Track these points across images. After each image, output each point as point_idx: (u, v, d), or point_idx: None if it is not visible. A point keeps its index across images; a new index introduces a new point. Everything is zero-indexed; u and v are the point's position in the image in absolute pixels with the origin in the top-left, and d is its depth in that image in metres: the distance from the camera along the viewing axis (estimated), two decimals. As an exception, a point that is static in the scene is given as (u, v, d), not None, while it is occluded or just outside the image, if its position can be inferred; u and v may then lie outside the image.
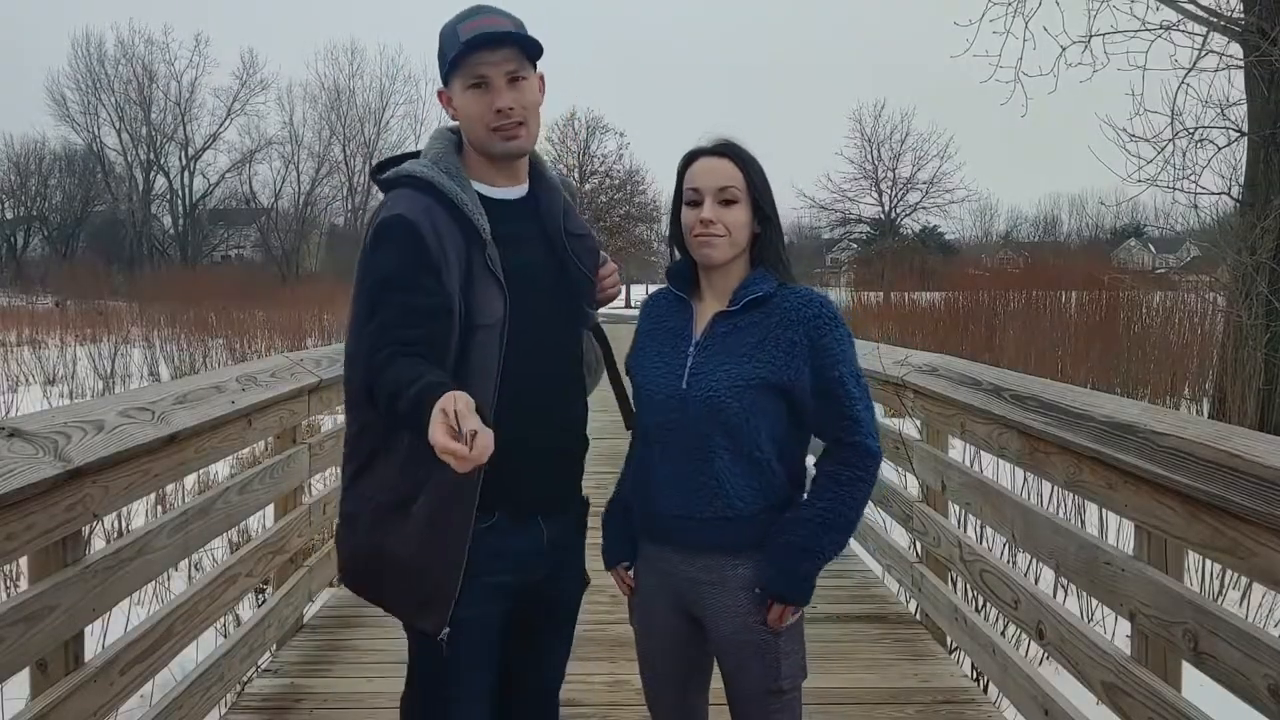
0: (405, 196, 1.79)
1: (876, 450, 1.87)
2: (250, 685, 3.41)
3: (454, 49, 1.77)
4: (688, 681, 2.00)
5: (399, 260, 1.73)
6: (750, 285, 1.84)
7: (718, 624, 1.88)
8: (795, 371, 1.80)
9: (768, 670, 1.87)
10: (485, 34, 1.76)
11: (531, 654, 2.02)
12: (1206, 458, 1.96)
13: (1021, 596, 2.99)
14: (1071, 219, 58.99)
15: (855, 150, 51.73)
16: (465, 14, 1.81)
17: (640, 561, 1.98)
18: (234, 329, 20.17)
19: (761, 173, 1.87)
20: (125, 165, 52.50)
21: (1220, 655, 1.95)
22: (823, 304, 1.84)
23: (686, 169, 1.87)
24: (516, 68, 1.80)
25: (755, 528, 1.85)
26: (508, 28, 1.78)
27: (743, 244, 1.85)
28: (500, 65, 1.78)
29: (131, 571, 2.43)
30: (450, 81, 1.83)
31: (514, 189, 1.90)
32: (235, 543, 5.32)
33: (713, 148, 1.86)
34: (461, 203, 1.78)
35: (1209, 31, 8.94)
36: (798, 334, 1.80)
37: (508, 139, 1.81)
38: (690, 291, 1.93)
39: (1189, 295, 14.15)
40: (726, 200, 1.82)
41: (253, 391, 3.24)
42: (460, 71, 1.79)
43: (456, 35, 1.78)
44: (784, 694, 1.89)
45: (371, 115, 53.09)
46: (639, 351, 1.95)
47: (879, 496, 4.79)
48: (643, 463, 1.92)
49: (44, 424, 2.09)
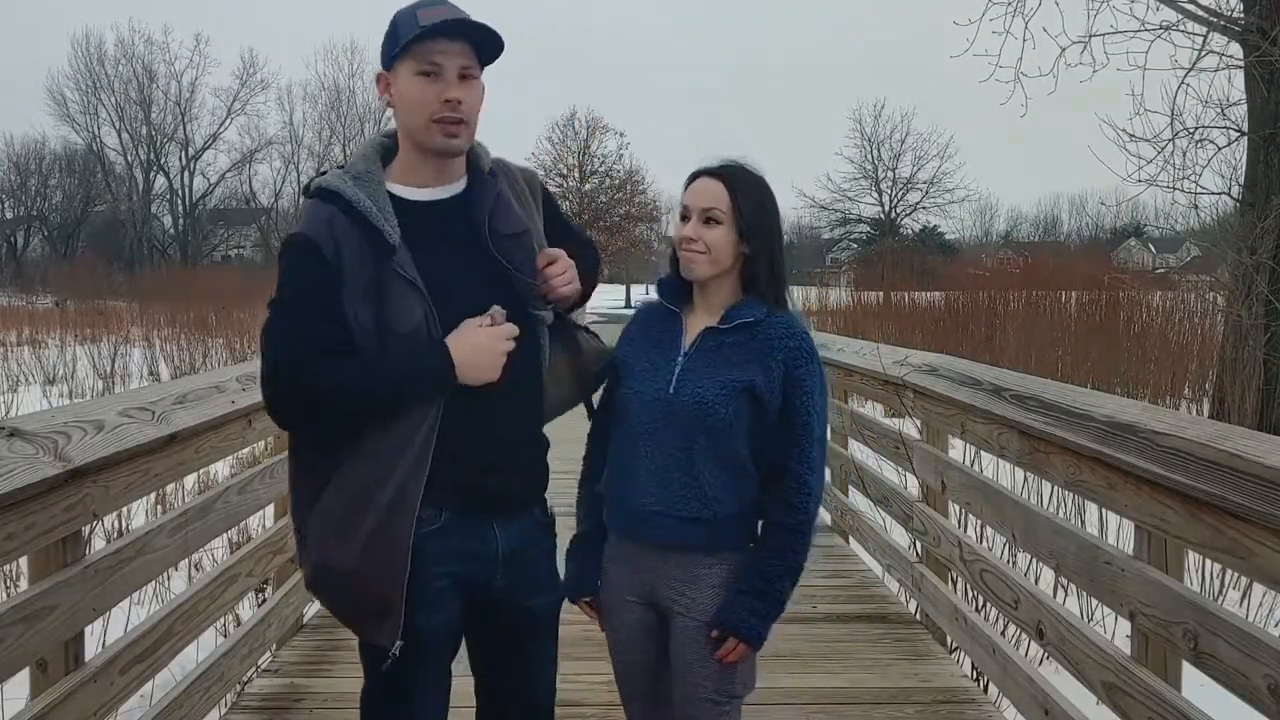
0: (310, 208, 1.79)
1: (816, 488, 1.92)
2: (250, 685, 3.41)
3: (410, 32, 1.72)
4: (657, 671, 2.03)
5: (297, 279, 1.74)
6: (743, 309, 1.93)
7: (683, 618, 1.93)
8: (772, 390, 1.88)
9: (724, 674, 1.92)
10: (448, 20, 1.72)
11: (517, 670, 1.97)
12: (1206, 458, 1.96)
13: (1021, 596, 2.99)
14: (1071, 219, 59.05)
15: (855, 150, 51.89)
16: (426, 1, 1.76)
17: (611, 558, 2.03)
18: (234, 329, 20.15)
19: (755, 197, 1.92)
20: (125, 165, 52.54)
21: (1220, 655, 1.95)
22: (803, 337, 1.92)
23: (686, 187, 1.96)
24: (469, 64, 1.77)
25: (729, 528, 1.92)
26: (470, 19, 1.75)
27: (726, 263, 1.92)
28: (455, 56, 1.75)
29: (131, 571, 2.43)
30: (396, 66, 1.77)
31: (446, 188, 1.85)
32: (235, 543, 5.32)
33: (712, 169, 1.94)
34: (366, 210, 1.74)
35: (1209, 31, 8.93)
36: (775, 360, 1.89)
37: (448, 135, 1.77)
38: (680, 304, 2.00)
39: (1189, 295, 14.16)
40: (710, 219, 1.90)
41: (253, 391, 3.23)
42: (412, 55, 1.74)
43: (415, 19, 1.73)
44: (734, 699, 1.96)
45: (371, 115, 53.02)
46: (626, 356, 2.01)
47: (879, 496, 4.80)
48: (625, 462, 1.96)
49: (44, 424, 2.09)
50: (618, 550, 2.02)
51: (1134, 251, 37.26)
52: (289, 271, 1.76)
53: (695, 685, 1.93)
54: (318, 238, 1.73)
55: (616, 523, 2.01)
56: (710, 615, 1.91)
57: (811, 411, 1.89)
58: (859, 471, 5.07)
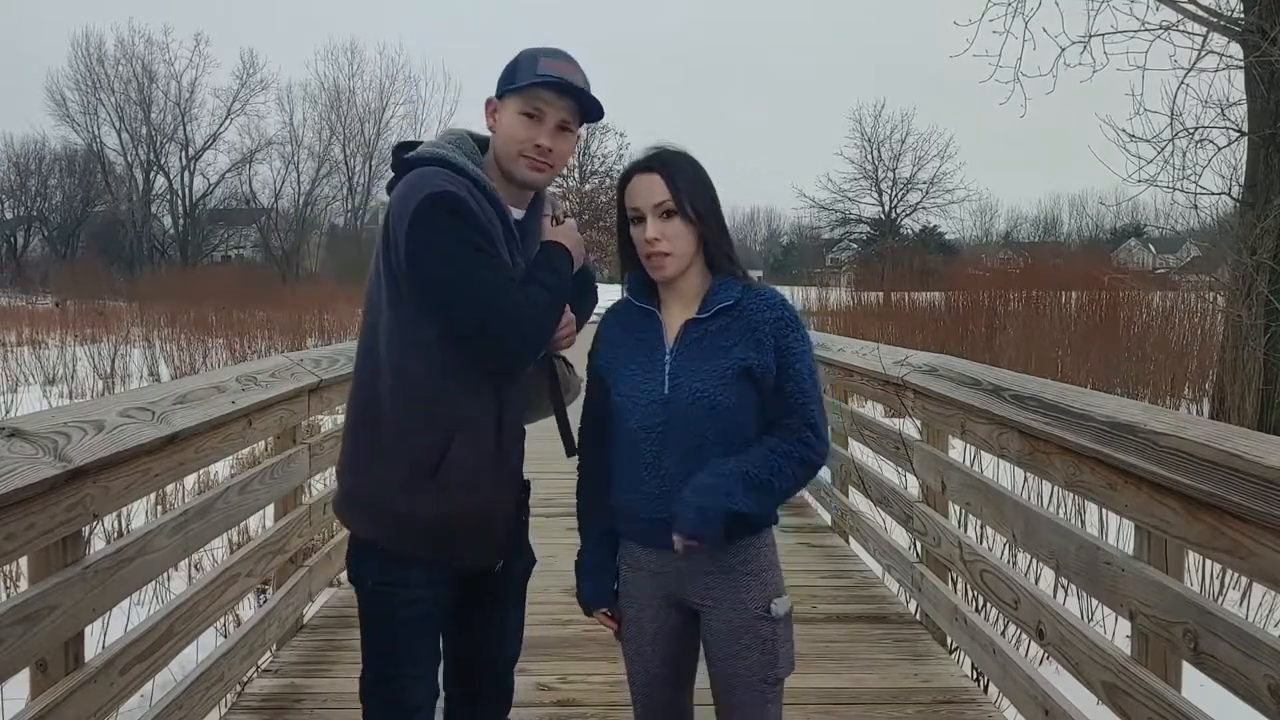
0: (436, 174, 1.87)
1: (824, 435, 1.90)
2: (250, 685, 3.41)
3: (528, 78, 1.89)
4: (679, 679, 2.02)
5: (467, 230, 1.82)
6: (719, 294, 1.91)
7: (719, 611, 1.91)
8: (766, 364, 1.87)
9: (765, 658, 1.90)
10: (563, 80, 1.89)
11: (487, 630, 2.12)
12: (1206, 458, 1.96)
13: (1021, 596, 2.99)
14: (1071, 219, 59.00)
15: (855, 150, 51.93)
16: (551, 51, 1.93)
17: (629, 565, 2.00)
18: (234, 329, 20.17)
19: (689, 174, 1.91)
20: (125, 165, 52.48)
21: (1220, 655, 1.95)
22: (785, 306, 1.92)
23: (623, 189, 1.93)
24: (569, 119, 1.94)
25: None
26: (581, 84, 1.92)
27: (691, 252, 1.91)
28: (559, 110, 1.91)
29: (131, 571, 2.43)
30: (506, 99, 1.93)
31: (515, 211, 1.99)
32: (235, 543, 5.32)
33: (644, 162, 1.91)
34: (494, 191, 1.91)
35: (1209, 31, 8.93)
36: (764, 333, 1.88)
37: (533, 169, 1.93)
38: (651, 301, 1.97)
39: (1189, 295, 14.15)
40: (666, 212, 1.88)
41: (253, 391, 3.24)
42: (522, 96, 1.90)
43: (535, 66, 1.90)
44: (779, 683, 1.93)
45: (371, 115, 53.06)
46: (611, 362, 1.97)
47: (879, 497, 4.80)
48: (632, 469, 1.93)
49: (44, 424, 2.09)
50: (636, 558, 1.98)
51: (1134, 251, 37.24)
52: (461, 225, 1.82)
53: (738, 676, 1.90)
54: (465, 197, 1.85)
55: (631, 532, 1.97)
56: (752, 602, 1.89)
57: (804, 374, 1.89)
58: (859, 471, 5.07)
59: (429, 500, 1.91)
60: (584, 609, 2.06)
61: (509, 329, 1.84)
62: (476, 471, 1.94)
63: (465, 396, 1.91)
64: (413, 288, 1.84)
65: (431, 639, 2.02)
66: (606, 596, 2.03)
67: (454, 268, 1.80)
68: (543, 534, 2.39)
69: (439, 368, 1.88)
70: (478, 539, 2.00)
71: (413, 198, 1.82)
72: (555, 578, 2.06)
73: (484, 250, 1.83)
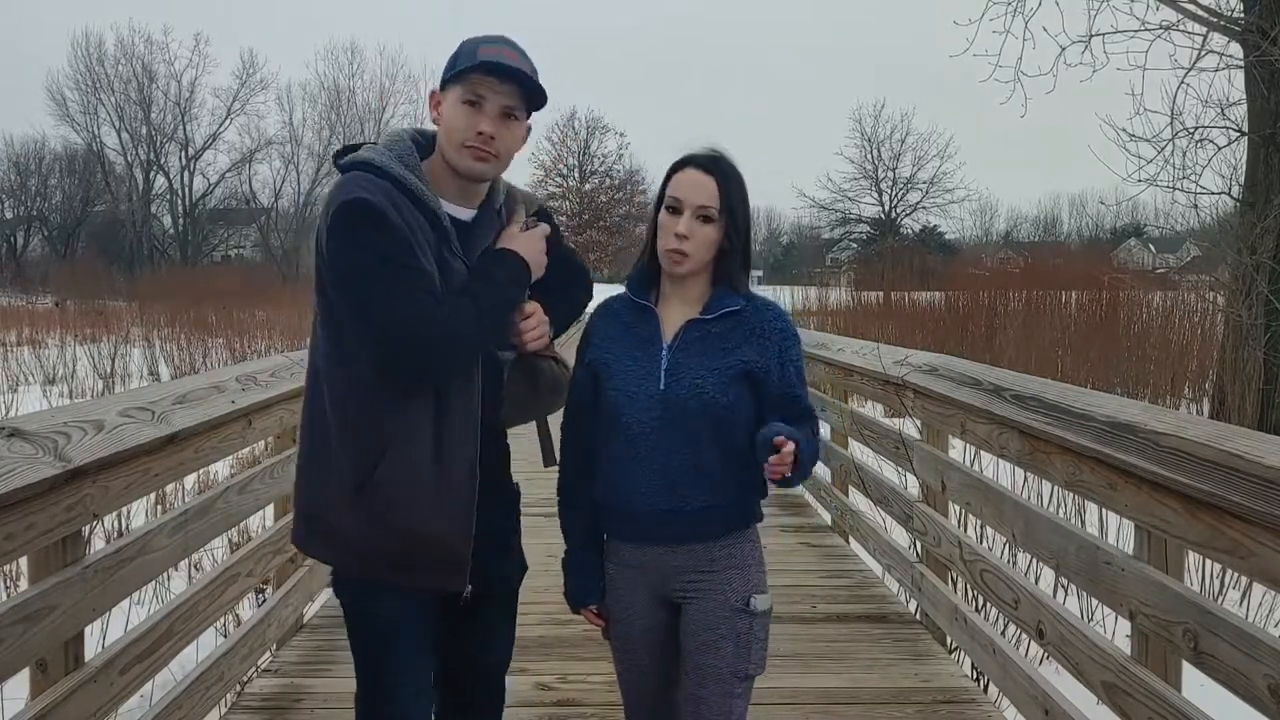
0: (358, 179, 1.82)
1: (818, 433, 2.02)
2: (250, 685, 3.41)
3: (467, 63, 1.84)
4: (668, 675, 2.03)
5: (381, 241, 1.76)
6: (724, 300, 1.94)
7: (699, 601, 1.93)
8: (768, 366, 1.91)
9: (739, 651, 1.92)
10: (501, 64, 1.83)
11: (478, 638, 2.08)
12: (1206, 458, 1.96)
13: (1021, 596, 2.99)
14: (1071, 219, 58.89)
15: (855, 150, 51.73)
16: (491, 39, 1.89)
17: (617, 563, 2.01)
18: (234, 329, 20.16)
19: (741, 190, 1.93)
20: (125, 165, 52.43)
21: (1220, 655, 1.95)
22: (787, 319, 1.99)
23: (673, 175, 1.93)
24: (514, 105, 1.87)
25: (737, 510, 1.95)
26: (522, 67, 1.85)
27: (708, 259, 1.93)
28: (501, 95, 1.85)
29: (131, 571, 2.43)
30: (448, 89, 1.88)
31: (460, 209, 1.93)
32: (235, 543, 5.32)
33: (703, 161, 1.91)
34: (419, 191, 1.84)
35: (1209, 31, 8.93)
36: (770, 340, 1.93)
37: (477, 159, 1.86)
38: (649, 298, 1.98)
39: (1189, 295, 14.14)
40: (704, 217, 1.89)
41: (253, 391, 3.24)
42: (462, 84, 1.85)
43: (475, 53, 1.84)
44: (749, 679, 1.95)
45: (371, 115, 52.96)
46: (607, 357, 1.97)
47: (879, 497, 4.80)
48: (624, 465, 1.93)
49: (44, 424, 2.09)
50: (624, 555, 1.99)
51: (1134, 251, 37.20)
52: (368, 236, 1.76)
53: (709, 667, 1.91)
54: (383, 205, 1.78)
55: (621, 529, 1.98)
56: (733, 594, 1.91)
57: (799, 374, 1.95)
58: (859, 471, 5.07)
59: (361, 518, 1.85)
60: (571, 606, 2.07)
61: (415, 341, 1.75)
62: (411, 489, 1.84)
63: (395, 411, 1.82)
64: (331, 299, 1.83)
65: (420, 653, 1.97)
66: (593, 594, 2.04)
67: (357, 279, 1.76)
68: (542, 534, 2.39)
69: (362, 381, 1.81)
70: (434, 562, 1.90)
71: (328, 210, 1.81)
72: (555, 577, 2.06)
73: (393, 259, 1.75)
